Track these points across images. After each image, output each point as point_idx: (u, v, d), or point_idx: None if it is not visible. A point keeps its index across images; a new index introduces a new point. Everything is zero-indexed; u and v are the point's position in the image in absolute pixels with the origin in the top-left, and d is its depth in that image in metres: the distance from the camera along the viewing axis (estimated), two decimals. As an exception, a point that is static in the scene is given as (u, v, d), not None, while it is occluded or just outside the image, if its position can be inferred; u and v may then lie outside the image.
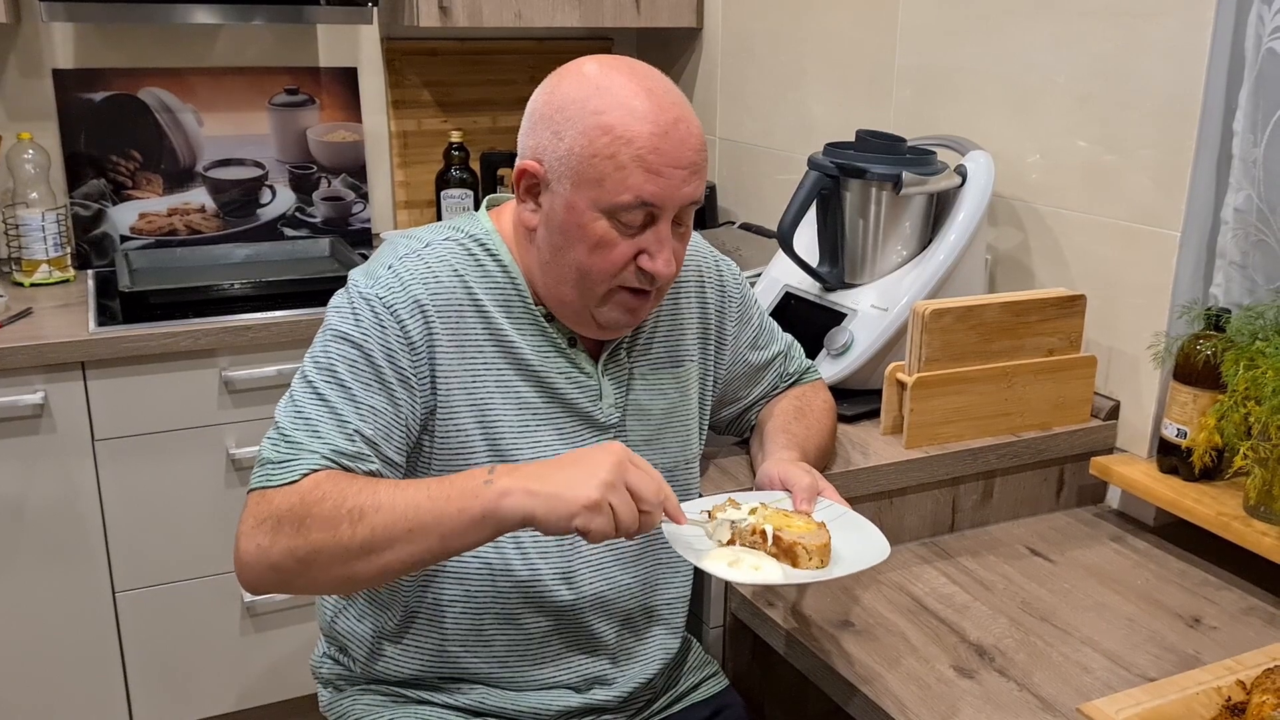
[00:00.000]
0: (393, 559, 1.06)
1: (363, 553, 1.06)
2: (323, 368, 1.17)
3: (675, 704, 1.40)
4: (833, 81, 2.24)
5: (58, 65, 2.42)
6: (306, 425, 1.14)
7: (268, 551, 1.08)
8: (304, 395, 1.16)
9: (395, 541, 1.06)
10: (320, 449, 1.12)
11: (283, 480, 1.10)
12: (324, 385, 1.16)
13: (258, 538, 1.08)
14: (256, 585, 1.11)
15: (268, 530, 1.08)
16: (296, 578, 1.09)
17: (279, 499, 1.09)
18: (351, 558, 1.06)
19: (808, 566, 1.12)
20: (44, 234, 2.28)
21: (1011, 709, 1.16)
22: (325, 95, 2.66)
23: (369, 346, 1.17)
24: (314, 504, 1.07)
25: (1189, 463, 1.50)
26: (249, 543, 1.09)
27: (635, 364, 1.33)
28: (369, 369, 1.17)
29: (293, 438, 1.13)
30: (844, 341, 1.65)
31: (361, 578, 1.08)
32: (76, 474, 2.05)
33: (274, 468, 1.11)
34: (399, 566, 1.07)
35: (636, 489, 1.06)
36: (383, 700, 1.32)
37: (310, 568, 1.08)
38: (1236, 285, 1.53)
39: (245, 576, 1.11)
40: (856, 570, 1.13)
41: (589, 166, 1.14)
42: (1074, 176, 1.71)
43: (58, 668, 2.12)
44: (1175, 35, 1.53)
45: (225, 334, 2.09)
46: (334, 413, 1.14)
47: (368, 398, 1.16)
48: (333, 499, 1.07)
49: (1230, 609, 1.39)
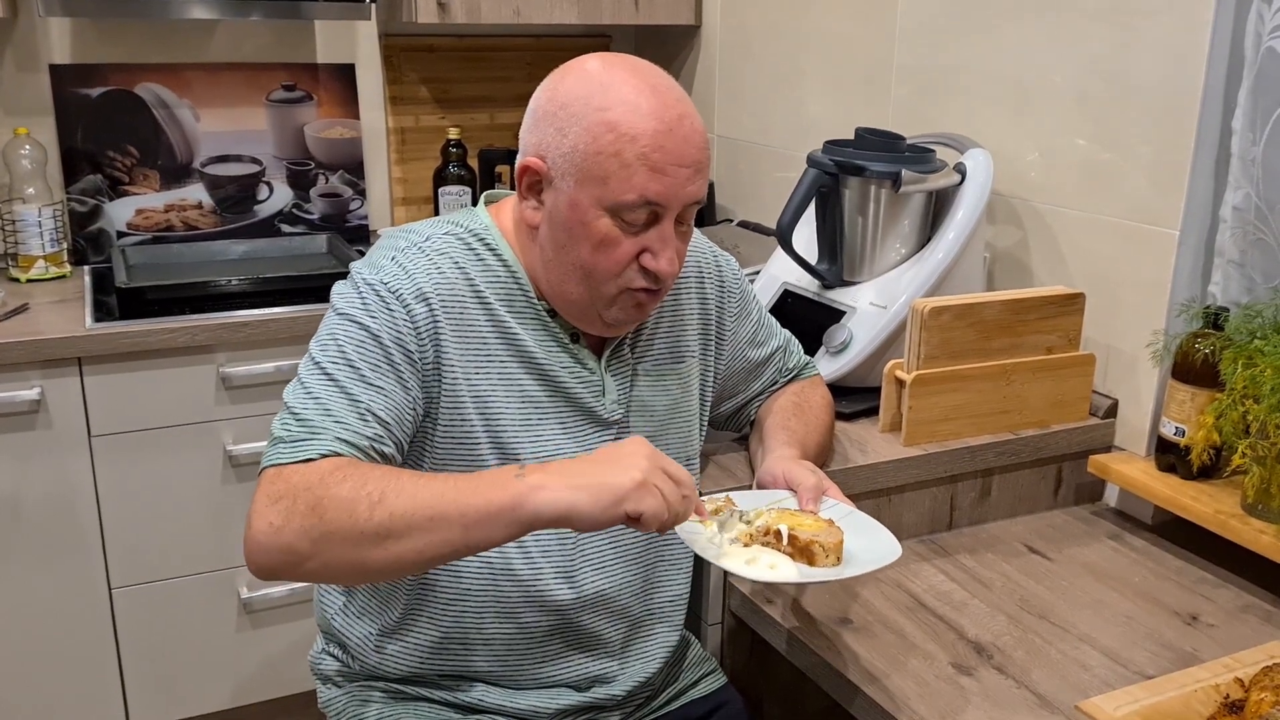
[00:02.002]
0: (409, 548, 1.02)
1: (378, 538, 1.01)
2: (330, 351, 1.15)
3: (674, 701, 1.40)
4: (831, 79, 2.24)
5: (54, 60, 2.42)
6: (318, 405, 1.11)
7: (281, 531, 1.03)
8: (313, 377, 1.14)
9: (414, 529, 1.01)
10: (334, 428, 1.09)
11: (299, 457, 1.06)
12: (333, 367, 1.14)
13: (270, 516, 1.04)
14: (267, 567, 1.05)
15: (283, 509, 1.03)
16: (307, 560, 1.03)
17: (295, 477, 1.05)
18: (366, 542, 1.02)
19: (824, 565, 1.12)
20: (40, 230, 2.27)
21: (1010, 706, 1.16)
22: (323, 91, 2.65)
23: (377, 329, 1.16)
24: (334, 484, 1.03)
25: (1187, 461, 1.50)
26: (261, 520, 1.04)
27: (638, 360, 1.33)
28: (378, 350, 1.16)
29: (305, 417, 1.10)
30: (842, 339, 1.65)
31: (374, 566, 1.04)
32: (73, 470, 2.05)
33: (287, 446, 1.08)
34: (415, 557, 1.03)
35: (673, 473, 1.06)
36: (382, 697, 1.32)
37: (322, 550, 1.03)
38: (1235, 284, 1.53)
39: (257, 559, 1.05)
40: (872, 569, 1.13)
41: (593, 164, 1.14)
42: (1073, 175, 1.71)
43: (54, 664, 2.12)
44: (1174, 33, 1.53)
45: (222, 330, 2.08)
46: (345, 393, 1.12)
47: (378, 379, 1.14)
48: (353, 480, 1.03)
49: (1228, 606, 1.39)
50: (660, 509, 1.03)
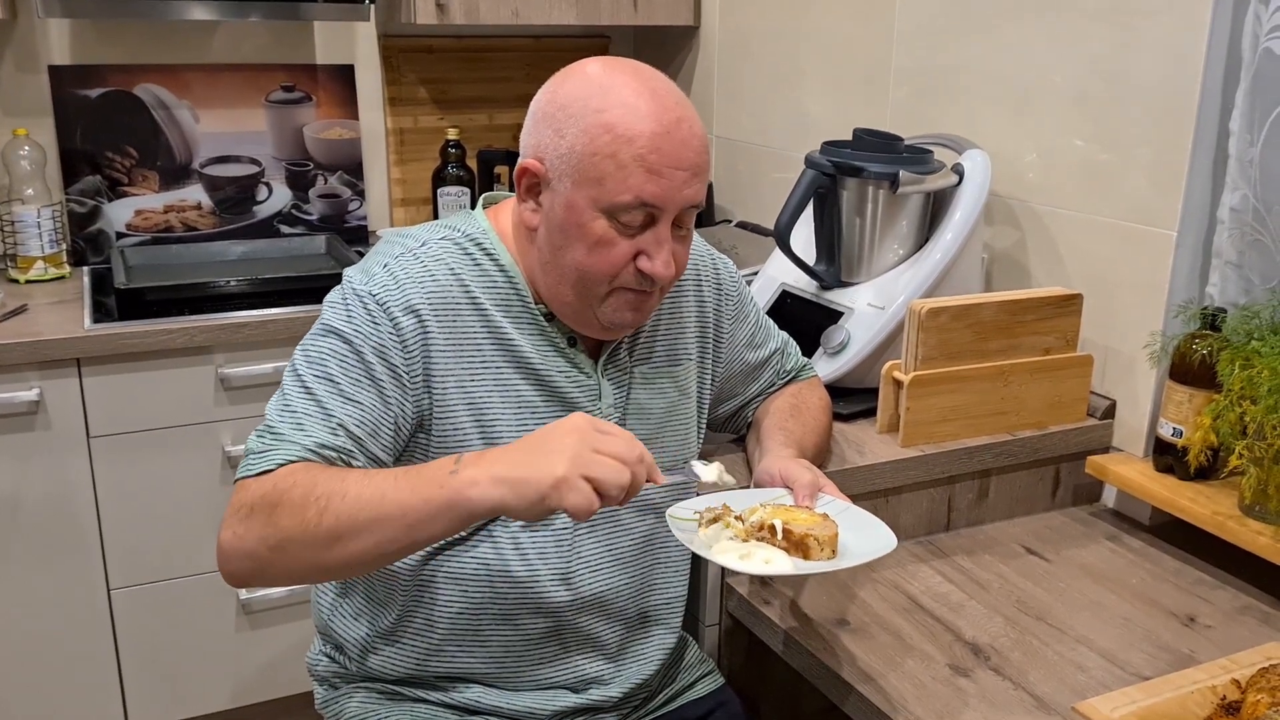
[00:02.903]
0: (359, 548, 1.05)
1: (330, 540, 1.05)
2: (313, 362, 1.17)
3: (671, 702, 1.40)
4: (830, 80, 2.24)
5: (54, 61, 2.42)
6: (292, 418, 1.14)
7: (243, 539, 1.08)
8: (293, 389, 1.16)
9: (360, 530, 1.04)
10: (302, 440, 1.11)
11: (260, 469, 1.10)
12: (313, 380, 1.16)
13: (234, 525, 1.09)
14: (234, 574, 1.11)
15: (242, 518, 1.08)
16: (269, 566, 1.08)
17: (254, 486, 1.09)
18: (320, 545, 1.05)
19: (819, 558, 1.12)
20: (39, 230, 2.27)
21: (1007, 707, 1.16)
22: (322, 92, 2.65)
23: (359, 343, 1.17)
24: (285, 491, 1.06)
25: (1184, 462, 1.50)
26: (226, 530, 1.09)
27: (635, 364, 1.33)
28: (359, 365, 1.17)
29: (277, 429, 1.13)
30: (840, 340, 1.65)
31: (332, 566, 1.08)
32: (71, 471, 2.05)
33: (255, 458, 1.12)
34: (367, 556, 1.06)
35: (610, 451, 1.03)
36: (378, 698, 1.32)
37: (281, 556, 1.07)
38: (1232, 285, 1.53)
39: (225, 567, 1.11)
40: (866, 560, 1.13)
41: (589, 165, 1.14)
42: (1070, 176, 1.71)
43: (53, 665, 2.12)
44: (1172, 34, 1.53)
45: (221, 331, 2.08)
46: (320, 406, 1.14)
47: (356, 393, 1.16)
48: (303, 486, 1.06)
49: (1225, 608, 1.39)
50: (584, 504, 1.01)
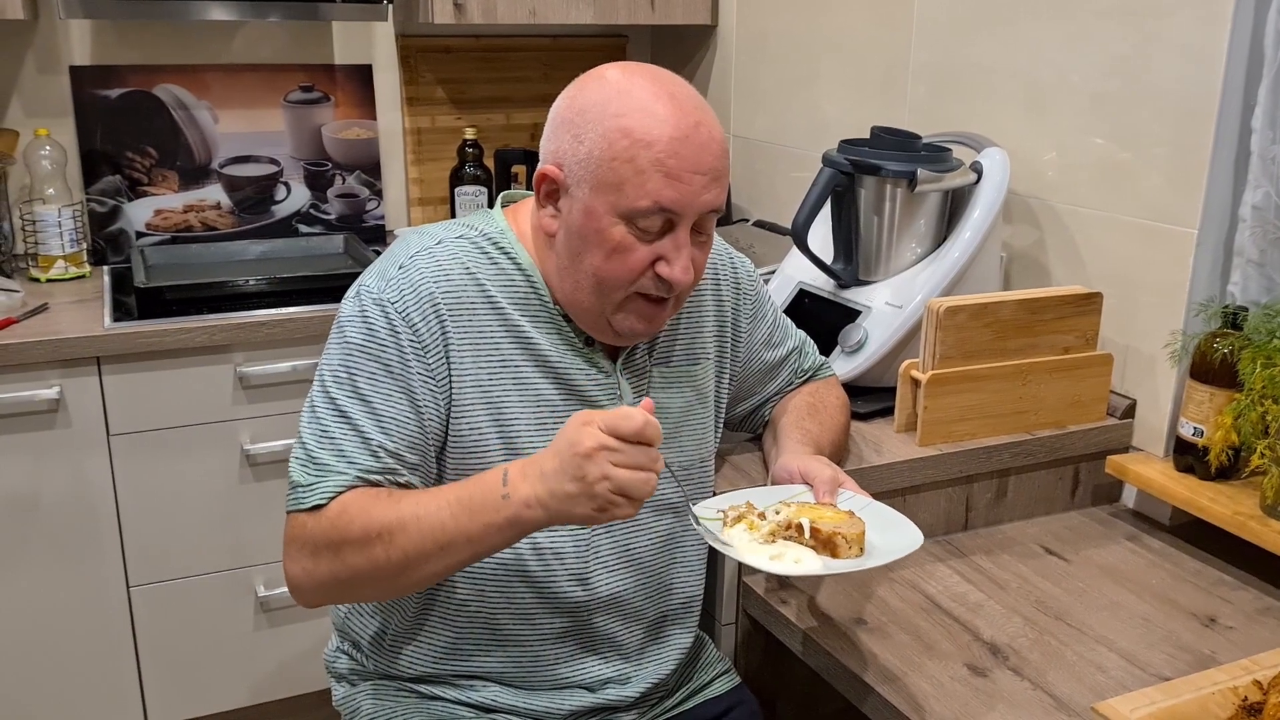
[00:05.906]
0: (431, 571, 1.12)
1: (402, 570, 1.11)
2: (342, 381, 1.18)
3: (687, 701, 1.40)
4: (847, 78, 2.23)
5: (74, 62, 2.43)
6: (332, 445, 1.15)
7: (313, 574, 1.14)
8: (326, 411, 1.17)
9: (429, 558, 1.10)
10: (347, 470, 1.14)
11: (311, 504, 1.13)
12: (345, 400, 1.17)
13: (301, 561, 1.15)
14: (311, 604, 1.18)
15: (308, 555, 1.14)
16: (347, 593, 1.19)
17: (311, 524, 1.13)
18: (394, 575, 1.12)
19: (848, 556, 1.12)
20: (60, 230, 2.29)
21: (1025, 708, 1.16)
22: (340, 92, 2.66)
23: (386, 355, 1.17)
24: (344, 528, 1.11)
25: (1205, 461, 1.49)
26: (294, 566, 1.15)
27: (654, 363, 1.32)
28: (387, 379, 1.17)
29: (319, 459, 1.15)
30: (858, 339, 1.65)
31: (410, 587, 1.15)
32: (91, 469, 2.06)
33: (304, 490, 1.14)
34: (443, 573, 1.13)
35: (628, 462, 1.03)
36: (395, 695, 1.32)
37: (355, 587, 1.15)
38: (1254, 283, 1.52)
39: (302, 599, 1.18)
40: (895, 558, 1.13)
41: (608, 170, 1.13)
42: (1090, 174, 1.70)
43: (72, 662, 2.13)
44: (1192, 32, 1.52)
45: (240, 330, 2.09)
46: (357, 430, 1.15)
47: (388, 408, 1.16)
48: (360, 522, 1.10)
49: (1246, 609, 1.38)
50: (621, 515, 1.05)
